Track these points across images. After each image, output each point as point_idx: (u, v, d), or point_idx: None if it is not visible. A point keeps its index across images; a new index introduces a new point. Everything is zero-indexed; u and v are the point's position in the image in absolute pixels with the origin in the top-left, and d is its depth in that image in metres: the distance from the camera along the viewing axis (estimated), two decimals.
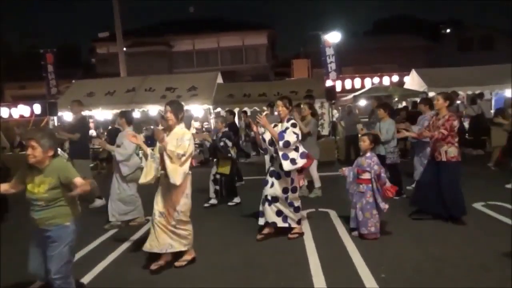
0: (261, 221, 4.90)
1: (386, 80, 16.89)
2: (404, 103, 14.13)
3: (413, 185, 6.56)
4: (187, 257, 4.14)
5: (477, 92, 12.56)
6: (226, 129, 6.93)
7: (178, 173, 3.80)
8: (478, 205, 5.91)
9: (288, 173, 4.66)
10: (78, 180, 3.05)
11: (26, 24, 60.70)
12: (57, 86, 15.29)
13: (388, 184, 4.66)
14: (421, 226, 5.08)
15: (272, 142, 4.74)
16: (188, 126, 7.00)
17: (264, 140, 4.83)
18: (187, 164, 3.91)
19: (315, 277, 3.74)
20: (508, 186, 6.87)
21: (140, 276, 3.98)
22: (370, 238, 4.65)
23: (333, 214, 5.82)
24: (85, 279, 3.91)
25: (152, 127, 13.92)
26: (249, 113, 13.25)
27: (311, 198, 6.80)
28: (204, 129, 13.86)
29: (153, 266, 3.99)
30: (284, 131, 4.59)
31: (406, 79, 16.02)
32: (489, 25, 36.82)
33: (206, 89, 12.72)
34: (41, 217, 3.04)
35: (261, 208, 4.90)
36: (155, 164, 3.90)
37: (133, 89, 12.96)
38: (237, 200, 6.77)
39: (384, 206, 4.63)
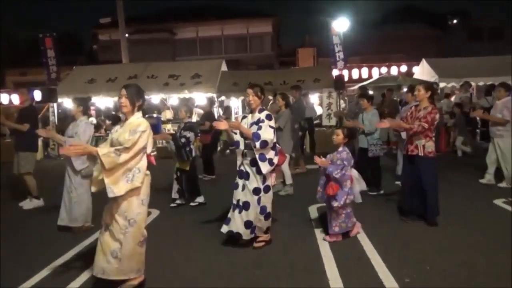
0: (224, 229, 4.25)
1: (394, 70, 16.54)
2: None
3: (399, 181, 6.19)
4: (133, 281, 3.31)
5: (489, 83, 12.17)
6: (190, 119, 6.28)
7: (118, 180, 3.08)
8: (499, 202, 5.61)
9: (259, 171, 4.09)
10: None
11: (28, 10, 60.16)
12: (57, 72, 14.94)
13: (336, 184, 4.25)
14: (442, 227, 4.76)
15: (241, 134, 4.23)
16: (191, 114, 6.53)
17: (235, 133, 4.28)
18: (139, 162, 3.19)
19: (331, 280, 3.45)
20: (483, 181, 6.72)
21: (147, 271, 3.70)
22: (330, 240, 4.30)
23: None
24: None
25: (155, 115, 13.62)
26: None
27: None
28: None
29: None
30: (259, 126, 4.06)
31: (415, 69, 15.64)
32: (498, 15, 36.12)
33: (210, 77, 12.37)
34: None
35: (229, 214, 4.27)
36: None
37: (135, 76, 12.62)
38: (200, 199, 6.10)
39: (335, 203, 4.19)
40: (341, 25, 15.30)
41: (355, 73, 17.01)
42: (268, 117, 4.15)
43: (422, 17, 31.06)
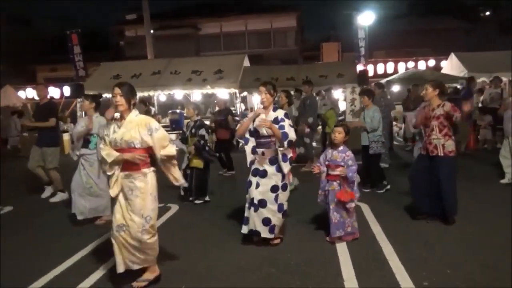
0: (245, 230, 4.22)
1: (421, 65, 16.07)
2: None
3: None
4: (149, 275, 3.44)
5: None
6: (199, 117, 6.14)
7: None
8: None
9: (278, 169, 4.10)
10: None
11: (58, 7, 62.03)
12: (85, 68, 15.32)
13: (352, 188, 4.15)
14: (461, 227, 4.61)
15: (255, 132, 4.18)
16: (199, 112, 6.50)
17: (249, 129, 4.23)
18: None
19: (347, 281, 3.39)
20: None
21: (163, 265, 3.75)
22: (348, 239, 4.19)
23: (365, 208, 5.39)
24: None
25: (178, 110, 13.80)
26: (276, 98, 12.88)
27: None
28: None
29: (136, 284, 3.38)
30: (280, 125, 4.02)
31: (443, 63, 15.17)
32: None
33: (232, 72, 12.40)
34: None
35: (246, 214, 4.24)
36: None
37: (158, 72, 12.80)
38: (205, 198, 6.06)
39: (350, 205, 4.14)
40: (366, 18, 15.00)
41: (380, 68, 16.65)
42: (287, 116, 4.14)
43: (451, 9, 29.99)
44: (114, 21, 29.42)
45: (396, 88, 13.56)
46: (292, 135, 4.04)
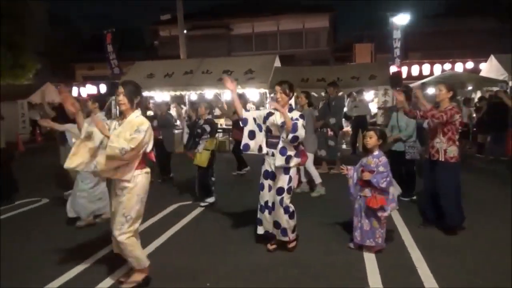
0: (260, 230, 4.26)
1: (459, 67, 15.52)
2: (479, 93, 12.83)
3: None
4: (137, 277, 3.42)
5: None
6: (210, 116, 6.22)
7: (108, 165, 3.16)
8: None
9: (287, 170, 4.04)
10: None
11: (96, 7, 64.36)
12: (119, 67, 15.81)
13: (385, 196, 3.96)
14: (498, 233, 4.42)
15: (268, 131, 4.14)
16: (211, 111, 6.46)
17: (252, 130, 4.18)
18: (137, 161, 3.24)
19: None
20: None
21: (186, 264, 3.85)
22: (375, 250, 4.04)
23: (394, 213, 5.22)
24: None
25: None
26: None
27: None
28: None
29: (124, 285, 3.43)
30: (293, 124, 3.92)
31: (482, 65, 14.57)
32: None
33: (263, 72, 12.41)
34: None
35: (259, 215, 4.25)
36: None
37: (190, 72, 12.99)
38: (210, 200, 5.98)
39: (382, 213, 3.96)
40: (401, 19, 14.63)
41: (415, 70, 16.22)
42: (302, 117, 4.05)
43: (492, 9, 28.68)
44: (150, 21, 30.04)
45: (431, 90, 13.14)
46: (301, 132, 3.91)
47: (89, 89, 16.77)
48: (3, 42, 15.93)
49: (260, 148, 4.17)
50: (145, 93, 13.07)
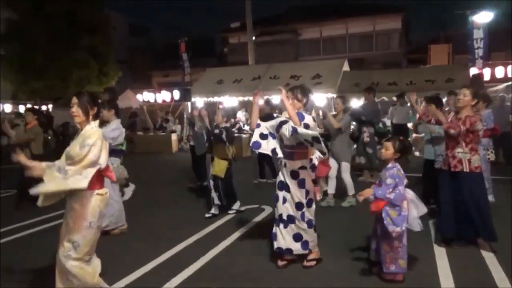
0: (275, 245, 3.97)
1: None
2: None
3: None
4: None
5: None
6: (227, 124, 6.14)
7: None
8: None
9: (302, 184, 3.81)
10: None
11: (168, 19, 68.45)
12: (191, 74, 16.61)
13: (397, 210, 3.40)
14: None
15: (280, 140, 3.93)
16: (228, 119, 6.41)
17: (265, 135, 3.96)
18: (84, 178, 2.86)
19: None
20: None
21: (246, 268, 3.94)
22: (387, 279, 3.52)
23: None
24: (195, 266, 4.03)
25: (275, 114, 14.07)
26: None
27: None
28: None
29: None
30: (306, 124, 3.74)
31: None
32: None
33: (331, 77, 12.28)
34: None
35: (274, 230, 3.99)
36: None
37: (258, 77, 13.25)
38: (236, 206, 5.94)
39: (393, 229, 3.33)
40: (483, 17, 13.57)
41: (499, 71, 14.91)
42: (306, 126, 3.76)
43: None
44: (220, 29, 31.12)
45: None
46: (304, 130, 3.65)
47: (164, 95, 17.78)
48: (91, 53, 17.58)
49: (274, 151, 3.91)
50: (215, 99, 13.58)
